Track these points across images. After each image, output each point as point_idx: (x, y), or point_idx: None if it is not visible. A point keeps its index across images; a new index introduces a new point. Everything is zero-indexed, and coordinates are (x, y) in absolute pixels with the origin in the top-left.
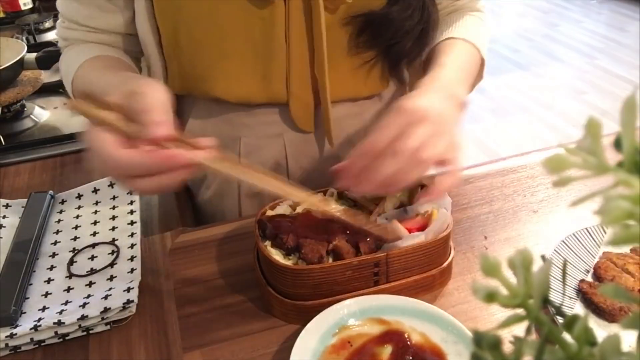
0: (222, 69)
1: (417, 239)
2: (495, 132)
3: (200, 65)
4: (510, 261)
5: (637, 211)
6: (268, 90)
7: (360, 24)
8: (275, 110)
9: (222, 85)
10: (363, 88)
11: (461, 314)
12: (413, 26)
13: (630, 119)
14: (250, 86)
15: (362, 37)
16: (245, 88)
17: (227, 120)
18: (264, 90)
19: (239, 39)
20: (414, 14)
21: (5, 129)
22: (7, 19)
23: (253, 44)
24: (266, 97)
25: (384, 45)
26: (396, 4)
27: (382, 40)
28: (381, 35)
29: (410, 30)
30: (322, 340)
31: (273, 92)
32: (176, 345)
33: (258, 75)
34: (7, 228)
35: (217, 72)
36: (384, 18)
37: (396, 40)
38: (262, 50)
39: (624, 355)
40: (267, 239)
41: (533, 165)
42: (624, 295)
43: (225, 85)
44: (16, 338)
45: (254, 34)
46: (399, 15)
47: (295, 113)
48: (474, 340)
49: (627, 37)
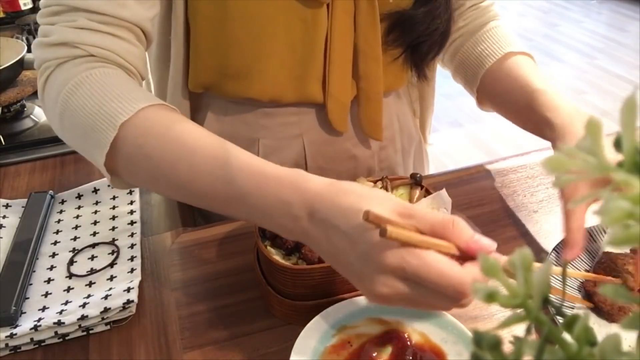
0: (260, 70)
1: None
2: (495, 132)
3: (236, 65)
4: (510, 261)
5: (637, 211)
6: (302, 91)
7: (389, 22)
8: (298, 110)
9: (257, 86)
10: (391, 84)
11: (461, 314)
12: (439, 24)
13: (630, 119)
14: (285, 87)
15: (391, 36)
16: (280, 88)
17: (244, 121)
18: (298, 91)
19: (279, 40)
20: (441, 13)
21: (5, 129)
22: (7, 19)
23: (292, 45)
24: (299, 97)
25: (411, 43)
26: (424, 6)
27: (409, 38)
28: (409, 34)
29: (436, 29)
30: (322, 340)
31: (308, 93)
32: (176, 345)
33: (294, 76)
34: (7, 228)
35: (254, 73)
36: (412, 18)
37: (422, 39)
38: (300, 51)
39: (624, 355)
40: (267, 239)
41: (533, 165)
42: (624, 295)
43: (260, 85)
44: (16, 338)
45: (294, 34)
46: (426, 16)
47: (332, 114)
48: (474, 340)
49: (627, 37)
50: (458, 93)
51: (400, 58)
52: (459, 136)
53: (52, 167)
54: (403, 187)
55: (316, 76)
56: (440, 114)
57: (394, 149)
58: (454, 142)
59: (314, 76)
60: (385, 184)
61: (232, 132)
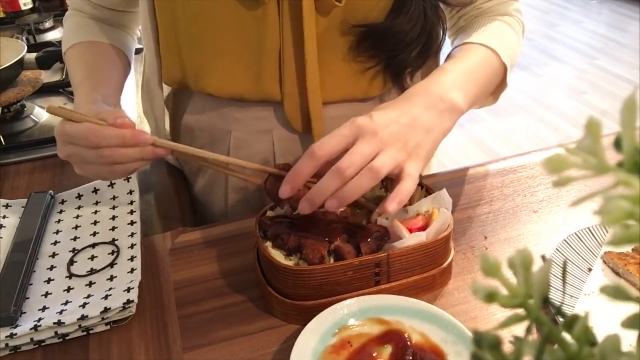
0: (216, 67)
1: (418, 238)
2: (495, 132)
3: (196, 61)
4: (510, 261)
5: (637, 211)
6: (261, 89)
7: (360, 33)
8: (266, 106)
9: (215, 82)
10: (361, 91)
11: (461, 314)
12: (414, 39)
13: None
14: (243, 84)
15: (362, 46)
16: (238, 86)
17: (220, 114)
18: (257, 88)
19: (233, 38)
20: (415, 27)
21: (5, 129)
22: (7, 19)
23: (247, 44)
24: (259, 95)
25: (385, 55)
26: (398, 18)
27: (383, 51)
28: (382, 47)
29: (411, 43)
30: (322, 340)
31: (266, 91)
32: (176, 345)
33: (251, 74)
34: (7, 228)
35: (211, 70)
36: (385, 30)
37: (397, 52)
38: (255, 49)
39: (624, 355)
40: (268, 240)
41: (533, 165)
42: (624, 296)
43: (218, 82)
44: (16, 338)
45: (247, 33)
46: (401, 29)
47: (288, 113)
48: (474, 340)
49: (627, 37)
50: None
51: (375, 68)
52: (459, 136)
53: (52, 167)
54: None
55: (273, 75)
56: None
57: None
58: (454, 142)
59: (270, 75)
60: (386, 183)
61: (209, 123)
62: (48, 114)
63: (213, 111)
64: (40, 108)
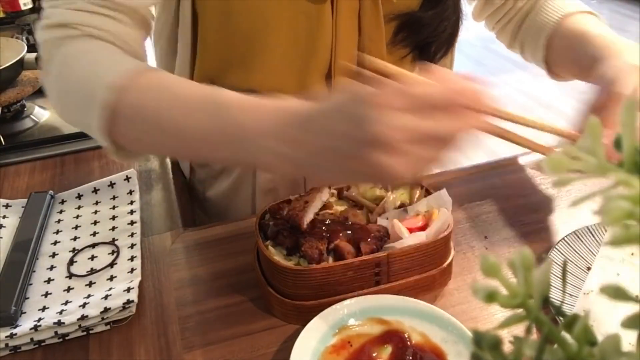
0: (262, 61)
1: (418, 238)
2: None
3: (240, 56)
4: (510, 261)
5: (637, 211)
6: (304, 83)
7: (399, 23)
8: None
9: (258, 76)
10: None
11: (461, 314)
12: (446, 27)
13: (630, 119)
14: (286, 78)
15: (399, 36)
16: (281, 79)
17: None
18: (299, 83)
19: (283, 33)
20: (450, 16)
21: (5, 129)
22: (7, 19)
23: (295, 39)
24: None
25: (418, 44)
26: (432, 9)
27: (417, 39)
28: (417, 35)
29: (443, 31)
30: (322, 340)
31: (309, 86)
32: (176, 345)
33: (295, 69)
34: (7, 228)
35: (256, 64)
36: (421, 20)
37: (430, 40)
38: (303, 45)
39: (624, 355)
40: (268, 239)
41: (533, 165)
42: (624, 295)
43: (261, 76)
44: (16, 338)
45: (298, 28)
46: (437, 17)
47: None
48: (474, 340)
49: (627, 37)
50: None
51: (408, 57)
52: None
53: (52, 167)
54: (403, 187)
55: (321, 70)
56: None
57: None
58: None
59: (317, 69)
60: None
61: None
62: (48, 114)
63: None
64: (40, 108)
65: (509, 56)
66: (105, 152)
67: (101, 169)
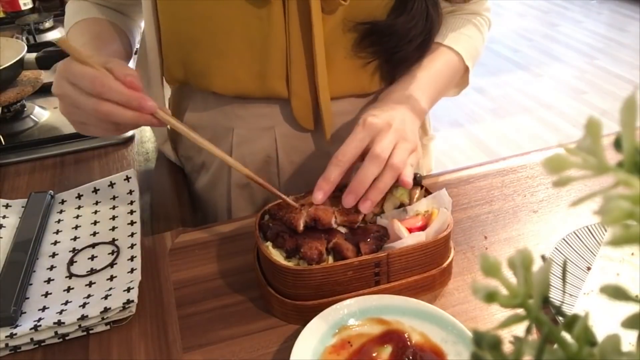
0: (219, 66)
1: (417, 238)
2: (495, 132)
3: (198, 61)
4: (510, 261)
5: (637, 211)
6: (265, 87)
7: (364, 30)
8: (269, 103)
9: (218, 82)
10: (361, 86)
11: (461, 314)
12: (416, 35)
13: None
14: (247, 83)
15: (365, 43)
16: (242, 84)
17: (222, 111)
18: (261, 87)
19: (236, 38)
20: (417, 24)
21: (5, 129)
22: (7, 19)
23: (250, 43)
24: (263, 93)
25: (387, 51)
26: (401, 16)
27: (386, 47)
28: (385, 43)
29: (413, 39)
30: (322, 340)
31: (271, 89)
32: (176, 345)
33: (255, 73)
34: (7, 228)
35: (214, 69)
36: (388, 28)
37: (399, 48)
38: (259, 48)
39: (624, 355)
40: (268, 240)
41: (533, 165)
42: (624, 295)
43: (221, 81)
44: (16, 338)
45: (251, 33)
46: (404, 26)
47: (296, 110)
48: (474, 340)
49: (627, 37)
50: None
51: (375, 63)
52: (459, 136)
53: (52, 167)
54: (403, 187)
55: (279, 73)
56: (440, 113)
57: None
58: (454, 142)
59: (276, 73)
60: None
61: (211, 121)
62: (48, 114)
63: (215, 109)
64: (40, 108)
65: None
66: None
67: (101, 169)
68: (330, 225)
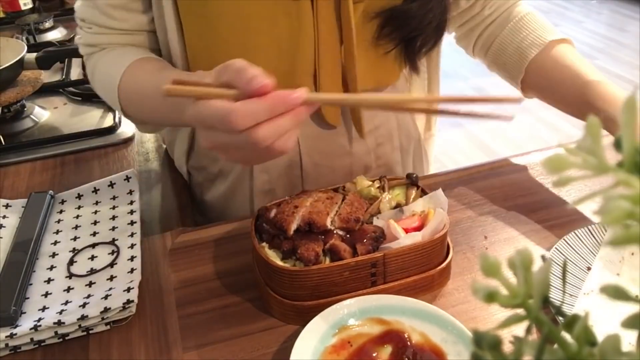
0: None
1: (413, 238)
2: (495, 132)
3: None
4: (510, 261)
5: (637, 211)
6: (293, 84)
7: (383, 18)
8: None
9: None
10: (384, 78)
11: (461, 314)
12: (432, 19)
13: (630, 119)
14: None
15: (385, 30)
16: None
17: None
18: (289, 85)
19: (264, 36)
20: (433, 7)
21: (5, 129)
22: (7, 19)
23: (278, 40)
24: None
25: (404, 37)
26: (416, 0)
27: (404, 32)
28: (403, 29)
29: (429, 23)
30: (322, 340)
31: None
32: (176, 345)
33: (282, 71)
34: (7, 228)
35: None
36: (405, 13)
37: (417, 32)
38: (287, 45)
39: (624, 355)
40: (264, 241)
41: (533, 165)
42: (624, 295)
43: None
44: (16, 338)
45: (279, 29)
46: (420, 11)
47: (324, 108)
48: (474, 340)
49: (627, 37)
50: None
51: (393, 52)
52: (459, 136)
53: (52, 167)
54: (399, 187)
55: (306, 70)
56: None
57: (392, 147)
58: (454, 142)
59: (304, 70)
60: (383, 184)
61: None
62: (48, 114)
63: None
64: (40, 108)
65: None
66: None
67: (101, 169)
68: (325, 227)
